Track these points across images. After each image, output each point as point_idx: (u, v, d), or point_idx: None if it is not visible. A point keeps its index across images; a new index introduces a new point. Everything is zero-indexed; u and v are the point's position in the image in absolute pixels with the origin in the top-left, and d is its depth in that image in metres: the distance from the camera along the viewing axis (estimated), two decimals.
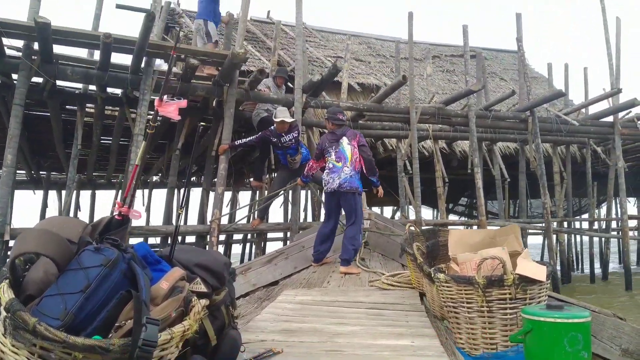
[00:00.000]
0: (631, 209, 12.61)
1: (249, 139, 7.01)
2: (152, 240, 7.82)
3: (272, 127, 6.69)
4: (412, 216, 9.03)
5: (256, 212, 8.08)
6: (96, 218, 7.25)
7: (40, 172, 13.20)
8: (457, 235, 3.15)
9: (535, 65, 13.14)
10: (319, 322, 2.94)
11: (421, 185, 8.77)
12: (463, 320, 2.53)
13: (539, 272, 2.42)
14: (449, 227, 9.71)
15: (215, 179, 7.29)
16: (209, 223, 7.11)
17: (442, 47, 15.55)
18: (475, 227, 9.77)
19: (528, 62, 11.52)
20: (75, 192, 7.77)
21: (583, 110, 11.87)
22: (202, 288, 2.06)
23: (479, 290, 2.40)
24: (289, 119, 6.56)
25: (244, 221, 9.18)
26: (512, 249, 2.81)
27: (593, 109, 11.76)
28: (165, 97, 2.12)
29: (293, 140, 6.68)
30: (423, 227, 5.01)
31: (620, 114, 11.00)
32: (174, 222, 8.45)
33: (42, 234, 1.76)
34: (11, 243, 5.61)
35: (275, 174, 7.22)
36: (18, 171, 14.08)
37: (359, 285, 4.34)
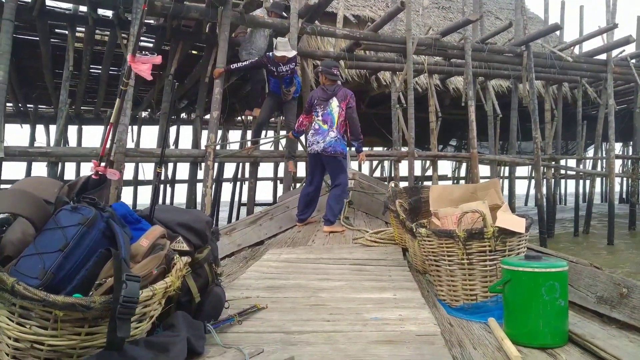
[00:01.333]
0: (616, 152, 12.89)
1: (245, 63, 6.89)
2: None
3: (269, 54, 6.56)
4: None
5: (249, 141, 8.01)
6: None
7: (28, 105, 12.93)
8: (438, 190, 3.17)
9: (530, 6, 13.08)
10: (304, 279, 2.98)
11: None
12: (444, 273, 2.58)
13: (518, 224, 2.45)
14: (440, 160, 9.93)
15: (210, 108, 7.14)
16: (203, 148, 7.05)
17: None
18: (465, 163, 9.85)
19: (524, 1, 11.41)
20: (57, 124, 7.59)
21: (577, 50, 11.86)
22: (184, 246, 2.06)
23: (460, 244, 2.44)
24: (291, 54, 6.42)
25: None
26: (492, 202, 2.83)
27: (587, 48, 11.84)
28: (138, 53, 2.05)
29: (289, 70, 6.55)
30: (405, 186, 5.02)
31: (614, 53, 11.05)
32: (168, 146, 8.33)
33: (17, 194, 1.73)
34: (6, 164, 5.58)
35: (265, 100, 7.08)
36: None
37: (343, 242, 4.38)
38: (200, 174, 8.75)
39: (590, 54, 11.36)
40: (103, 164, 1.97)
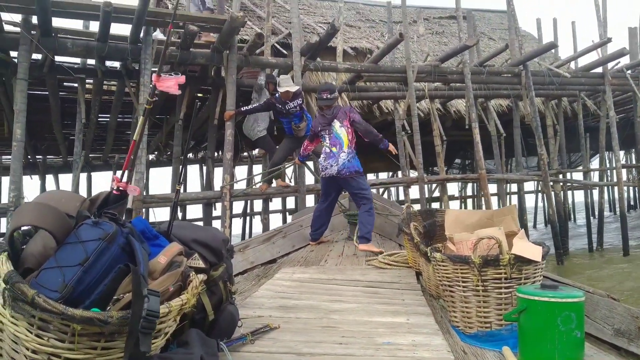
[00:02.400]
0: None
1: (254, 105, 7.00)
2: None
3: (276, 95, 6.66)
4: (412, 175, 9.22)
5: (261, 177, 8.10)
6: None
7: (37, 157, 13.16)
8: (454, 215, 3.16)
9: (522, 25, 13.15)
10: (316, 299, 2.97)
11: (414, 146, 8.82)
12: (458, 299, 2.56)
13: (535, 253, 2.43)
14: (448, 183, 9.95)
15: (216, 149, 7.24)
16: (218, 189, 7.17)
17: (429, 10, 15.49)
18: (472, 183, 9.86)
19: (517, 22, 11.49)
20: (73, 174, 7.77)
21: (572, 65, 11.96)
22: (200, 264, 2.08)
23: (475, 270, 2.42)
24: (294, 88, 6.51)
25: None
26: (508, 229, 2.82)
27: (582, 62, 11.98)
28: (163, 73, 2.10)
29: (297, 107, 6.64)
30: (420, 209, 5.00)
31: (609, 65, 11.15)
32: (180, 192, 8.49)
33: (40, 208, 1.77)
34: None
35: (282, 142, 7.20)
36: (9, 156, 14.11)
37: (356, 264, 4.37)
38: (214, 213, 8.89)
39: (586, 68, 11.47)
40: (124, 180, 2.01)
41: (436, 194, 15.21)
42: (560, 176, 11.45)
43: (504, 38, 14.62)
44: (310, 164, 8.12)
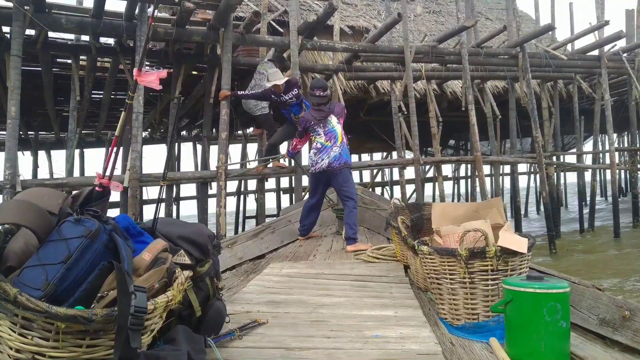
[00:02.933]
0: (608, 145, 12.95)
1: (252, 92, 6.92)
2: None
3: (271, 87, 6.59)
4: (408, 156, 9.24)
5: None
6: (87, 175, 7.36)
7: (29, 133, 13.01)
8: (441, 208, 3.17)
9: (519, 5, 13.18)
10: (305, 294, 2.97)
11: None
12: (446, 292, 2.57)
13: (521, 244, 2.45)
14: (444, 164, 10.04)
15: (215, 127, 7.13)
16: (214, 169, 7.11)
17: None
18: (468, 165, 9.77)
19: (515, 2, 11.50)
20: (67, 151, 7.71)
21: (569, 47, 11.99)
22: (186, 260, 2.07)
23: (462, 262, 2.43)
24: (281, 81, 6.37)
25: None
26: (494, 221, 2.83)
27: (579, 45, 11.99)
28: (144, 67, 2.07)
29: (294, 97, 6.53)
30: (408, 202, 5.03)
31: (606, 48, 11.21)
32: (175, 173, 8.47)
33: (21, 205, 1.74)
34: None
35: (283, 125, 7.12)
36: (2, 132, 14.01)
37: (344, 258, 4.37)
38: (209, 192, 8.84)
39: (583, 51, 11.52)
40: (106, 177, 1.98)
41: (429, 174, 15.20)
42: (554, 159, 11.53)
43: (500, 18, 14.66)
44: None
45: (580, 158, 12.54)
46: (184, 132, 14.98)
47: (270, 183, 16.00)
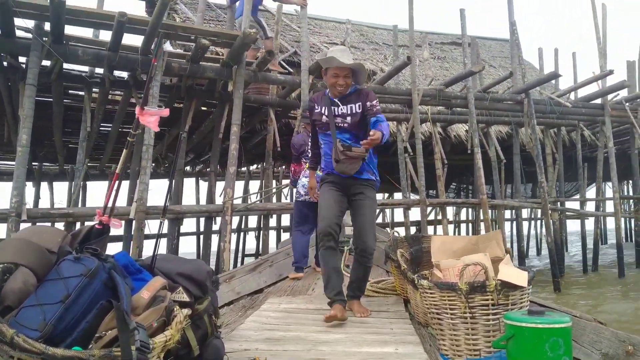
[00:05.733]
0: (610, 192, 12.91)
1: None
2: None
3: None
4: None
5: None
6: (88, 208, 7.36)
7: (33, 163, 13.02)
8: (440, 241, 3.17)
9: (522, 53, 13.31)
10: (303, 331, 2.93)
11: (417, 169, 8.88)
12: (446, 327, 2.54)
13: (521, 278, 2.44)
14: (449, 207, 9.86)
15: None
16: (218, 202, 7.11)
17: (431, 35, 15.68)
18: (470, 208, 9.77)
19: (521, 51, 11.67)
20: (74, 182, 7.69)
21: (572, 96, 12.10)
22: (185, 297, 2.05)
23: (462, 297, 2.42)
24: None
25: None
26: (494, 255, 2.83)
27: (581, 93, 12.09)
28: (147, 106, 2.10)
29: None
30: (407, 234, 5.01)
31: (609, 97, 11.33)
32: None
33: (20, 244, 1.74)
34: (23, 225, 5.60)
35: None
36: (7, 162, 14.03)
37: None
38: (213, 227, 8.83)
39: (586, 99, 11.64)
40: (106, 214, 1.98)
41: (431, 217, 15.19)
42: (559, 204, 11.53)
43: (503, 66, 14.92)
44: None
45: (583, 205, 12.55)
46: (187, 168, 15.05)
47: (271, 222, 16.00)
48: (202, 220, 14.62)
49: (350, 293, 3.51)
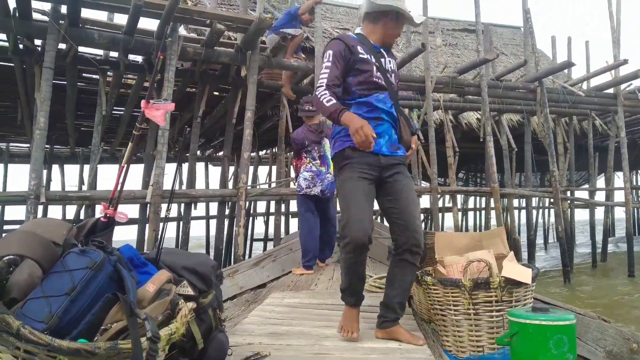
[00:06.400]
0: (618, 182, 12.91)
1: None
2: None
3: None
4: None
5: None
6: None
7: (45, 146, 13.09)
8: (444, 238, 3.17)
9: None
10: (307, 325, 2.94)
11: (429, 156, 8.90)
12: (450, 323, 2.54)
13: (525, 275, 2.44)
14: (459, 195, 9.91)
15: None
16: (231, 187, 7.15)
17: (444, 22, 15.60)
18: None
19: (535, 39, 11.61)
20: (90, 165, 7.74)
21: (584, 85, 12.04)
22: (189, 291, 2.05)
23: (466, 293, 2.42)
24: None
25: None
26: (498, 251, 2.82)
27: (594, 82, 12.02)
28: (152, 99, 2.10)
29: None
30: None
31: (622, 86, 11.28)
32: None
33: (26, 236, 1.74)
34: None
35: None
36: (19, 144, 14.09)
37: None
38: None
39: (599, 88, 11.58)
40: (112, 207, 1.99)
41: (439, 204, 15.19)
42: (569, 194, 11.51)
43: (515, 53, 14.89)
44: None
45: (593, 194, 12.54)
46: (198, 152, 15.10)
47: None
48: (211, 205, 14.76)
49: (390, 315, 2.63)
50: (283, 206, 16.13)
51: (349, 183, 2.58)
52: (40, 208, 6.74)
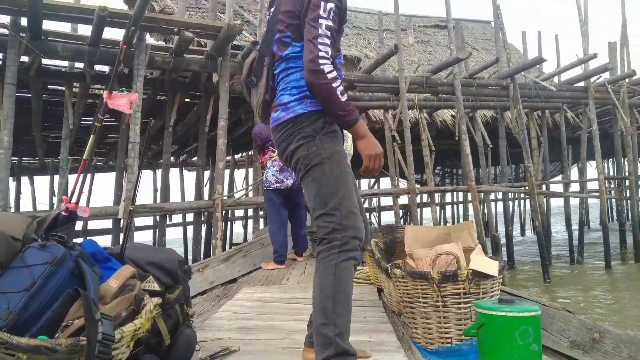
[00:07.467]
0: (592, 171, 13.14)
1: None
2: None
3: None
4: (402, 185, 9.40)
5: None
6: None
7: (12, 158, 12.77)
8: (413, 231, 3.19)
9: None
10: (277, 320, 2.93)
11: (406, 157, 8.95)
12: (419, 315, 2.57)
13: (492, 267, 2.47)
14: (437, 194, 9.90)
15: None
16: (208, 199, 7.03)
17: (415, 19, 15.64)
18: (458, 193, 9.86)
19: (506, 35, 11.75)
20: (59, 180, 7.54)
21: (555, 79, 12.27)
22: (155, 286, 2.02)
23: (434, 286, 2.44)
24: None
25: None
26: (466, 244, 2.86)
27: (565, 77, 12.25)
28: (115, 90, 2.05)
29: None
30: (381, 225, 5.03)
31: (592, 79, 11.54)
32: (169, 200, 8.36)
33: None
34: None
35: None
36: None
37: None
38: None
39: (570, 82, 11.82)
40: (73, 201, 1.93)
41: (417, 200, 15.29)
42: (544, 187, 11.72)
43: (486, 48, 14.98)
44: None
45: (567, 186, 12.78)
46: (172, 159, 14.91)
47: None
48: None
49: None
50: (261, 212, 16.14)
51: (344, 162, 1.98)
52: None
